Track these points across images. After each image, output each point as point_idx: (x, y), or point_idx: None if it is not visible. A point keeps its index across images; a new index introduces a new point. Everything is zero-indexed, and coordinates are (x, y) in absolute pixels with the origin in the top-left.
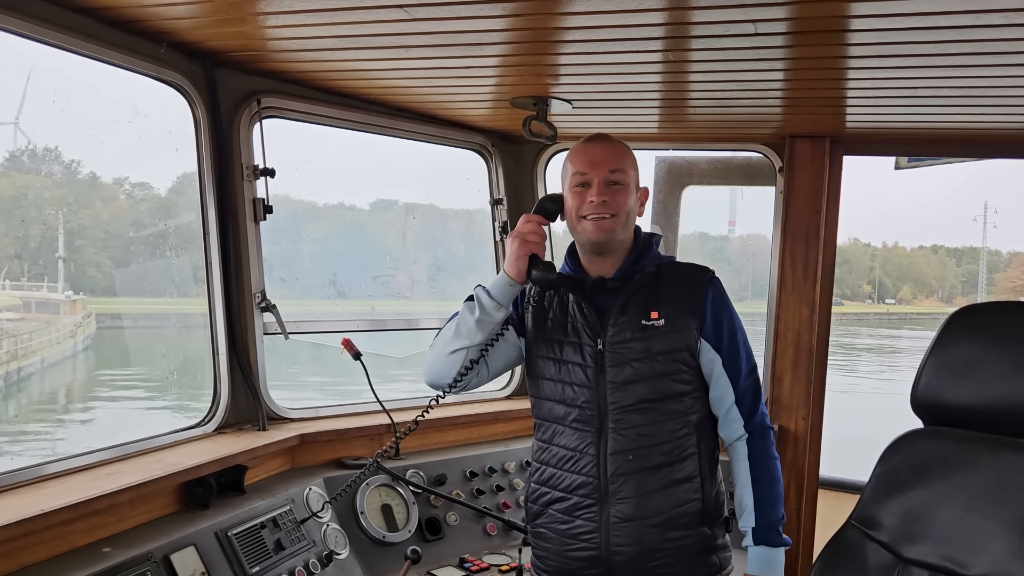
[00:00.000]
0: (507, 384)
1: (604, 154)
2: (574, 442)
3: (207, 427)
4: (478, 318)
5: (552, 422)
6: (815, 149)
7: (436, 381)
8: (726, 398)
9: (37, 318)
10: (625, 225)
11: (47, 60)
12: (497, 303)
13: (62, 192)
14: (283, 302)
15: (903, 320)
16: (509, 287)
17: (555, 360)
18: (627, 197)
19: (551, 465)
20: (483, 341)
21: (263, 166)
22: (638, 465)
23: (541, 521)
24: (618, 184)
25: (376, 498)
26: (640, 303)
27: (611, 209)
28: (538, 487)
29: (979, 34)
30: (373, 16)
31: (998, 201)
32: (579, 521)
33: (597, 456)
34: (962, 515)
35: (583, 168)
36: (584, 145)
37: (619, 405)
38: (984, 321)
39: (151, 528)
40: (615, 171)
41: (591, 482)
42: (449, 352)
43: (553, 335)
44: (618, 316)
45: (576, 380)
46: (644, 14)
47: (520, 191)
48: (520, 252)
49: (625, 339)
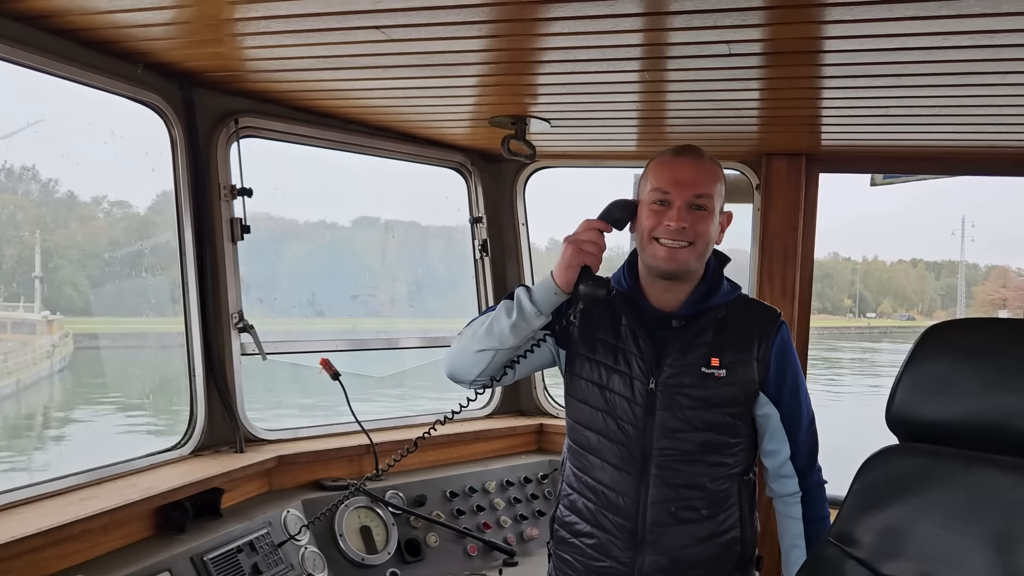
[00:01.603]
0: (488, 403)
1: (692, 174)
2: (612, 480)
3: (183, 449)
4: (514, 322)
5: (589, 452)
6: (791, 167)
7: (457, 375)
8: (781, 453)
9: (13, 339)
10: (701, 256)
11: (22, 80)
12: (537, 309)
13: (39, 211)
14: (262, 320)
15: (883, 334)
16: (554, 295)
17: (600, 387)
18: (709, 225)
19: (585, 497)
20: (514, 346)
21: (240, 186)
22: (681, 517)
23: (567, 549)
24: (702, 209)
25: (355, 520)
26: (703, 347)
27: (690, 237)
28: (568, 514)
29: (945, 55)
30: (351, 37)
31: (975, 215)
32: (609, 562)
33: (637, 500)
34: (938, 531)
35: (666, 186)
36: (671, 159)
37: (665, 452)
38: (956, 338)
39: (125, 554)
40: (701, 195)
41: (628, 526)
42: (476, 350)
43: (601, 358)
44: (678, 357)
45: (622, 415)
46: (620, 35)
47: (499, 209)
48: (573, 261)
49: (682, 384)
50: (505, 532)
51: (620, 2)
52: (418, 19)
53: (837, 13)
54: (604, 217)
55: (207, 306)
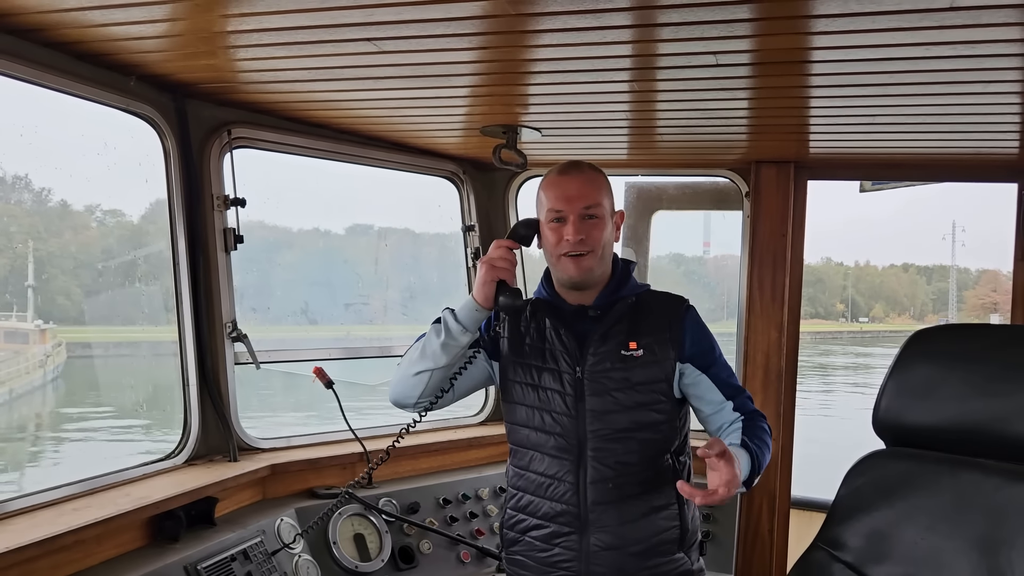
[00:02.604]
0: (480, 410)
1: (579, 188)
2: (552, 469)
3: (177, 459)
4: (443, 341)
5: (529, 448)
6: (780, 174)
7: (399, 400)
8: (714, 400)
9: (5, 348)
10: (602, 258)
11: (14, 91)
12: (463, 327)
13: (32, 221)
14: (255, 328)
15: (875, 338)
16: (475, 312)
17: (532, 386)
18: (603, 230)
19: (528, 492)
20: (447, 364)
21: (233, 196)
22: (618, 494)
23: (518, 549)
24: (594, 217)
25: (348, 528)
26: (620, 333)
27: (588, 246)
28: (515, 514)
29: (929, 64)
30: (342, 49)
31: (966, 219)
32: (558, 549)
33: (576, 484)
34: (924, 535)
35: (557, 204)
36: (557, 178)
37: (598, 434)
38: (941, 344)
39: (119, 564)
40: (590, 206)
41: (570, 510)
42: (413, 373)
43: (531, 360)
44: (598, 345)
45: (555, 408)
46: (610, 46)
47: (492, 218)
48: (488, 277)
49: (605, 368)
50: (498, 539)
51: (609, 14)
52: (409, 31)
53: (823, 24)
54: (512, 236)
55: (200, 315)
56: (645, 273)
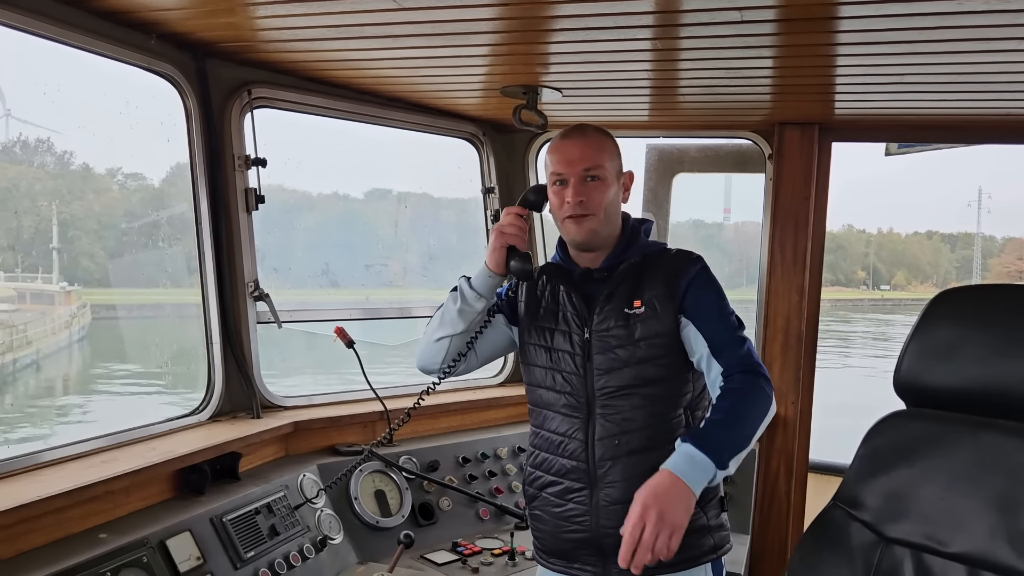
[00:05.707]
0: (500, 371)
1: (580, 151)
2: (563, 427)
3: (201, 415)
4: (460, 308)
5: (543, 408)
6: (804, 136)
7: (424, 366)
8: (701, 352)
9: (32, 309)
10: (606, 220)
11: (37, 51)
12: (477, 293)
13: (55, 183)
14: (277, 291)
15: (896, 306)
16: (489, 278)
17: (546, 348)
18: (605, 192)
19: (543, 450)
20: (466, 330)
21: (254, 156)
22: (625, 449)
23: (537, 504)
24: (596, 179)
25: (370, 484)
26: (625, 293)
27: (589, 208)
28: (533, 471)
29: (960, 20)
30: (363, 6)
31: (992, 186)
32: (571, 504)
33: (585, 441)
34: (943, 494)
35: (558, 167)
36: (560, 142)
37: (604, 391)
38: (965, 304)
39: (147, 514)
40: (591, 168)
41: (580, 466)
42: (435, 339)
43: (545, 323)
44: (604, 305)
45: (565, 367)
46: (632, 2)
47: (511, 179)
48: (498, 244)
49: (609, 327)
50: (516, 497)
51: None
52: None
53: None
54: (522, 202)
55: (223, 275)
56: (666, 237)
